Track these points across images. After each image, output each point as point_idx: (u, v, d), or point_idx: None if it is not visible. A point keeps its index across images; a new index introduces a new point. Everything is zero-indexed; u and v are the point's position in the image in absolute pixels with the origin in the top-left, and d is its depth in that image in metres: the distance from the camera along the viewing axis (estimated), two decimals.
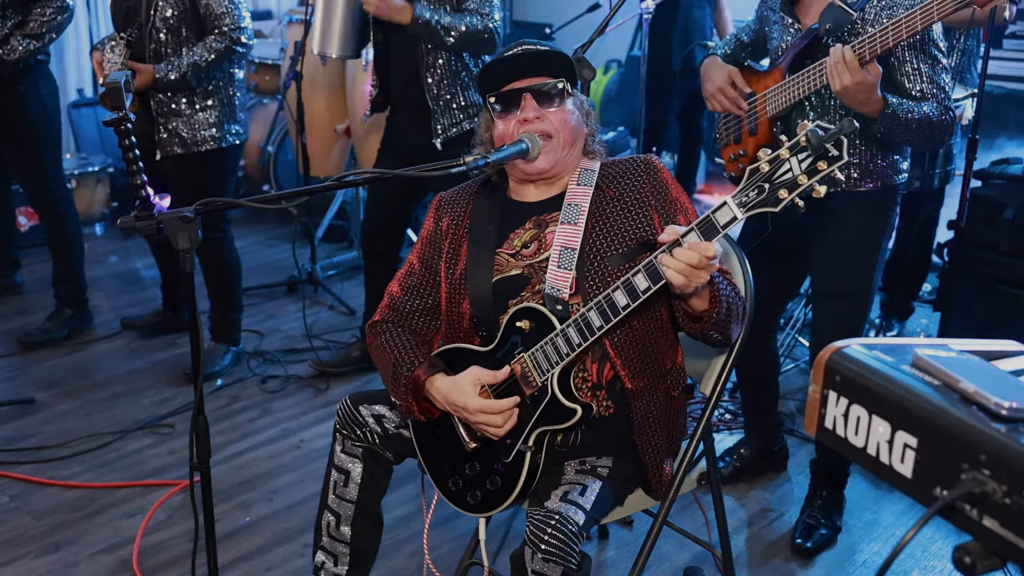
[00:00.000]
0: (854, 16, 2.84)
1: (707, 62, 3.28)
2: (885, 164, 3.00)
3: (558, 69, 2.35)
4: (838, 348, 1.27)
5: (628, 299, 2.09)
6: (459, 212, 2.48)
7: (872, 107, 2.72)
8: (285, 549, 3.20)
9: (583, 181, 2.36)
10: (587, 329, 2.15)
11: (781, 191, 1.90)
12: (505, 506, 2.30)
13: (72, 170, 6.18)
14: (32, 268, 5.34)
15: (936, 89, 2.82)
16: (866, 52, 2.67)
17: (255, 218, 6.65)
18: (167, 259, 4.73)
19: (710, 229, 1.98)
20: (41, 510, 3.40)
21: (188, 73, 3.94)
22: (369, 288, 4.39)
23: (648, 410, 2.32)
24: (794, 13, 3.03)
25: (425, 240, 2.52)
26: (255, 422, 4.02)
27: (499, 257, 2.36)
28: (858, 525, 3.31)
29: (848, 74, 2.65)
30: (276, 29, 7.27)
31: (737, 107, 3.14)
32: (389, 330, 2.48)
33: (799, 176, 1.88)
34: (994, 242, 3.92)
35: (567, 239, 2.28)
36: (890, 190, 3.04)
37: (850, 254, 3.07)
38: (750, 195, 1.93)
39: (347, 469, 2.49)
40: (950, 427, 1.12)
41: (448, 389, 2.29)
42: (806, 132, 1.84)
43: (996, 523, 1.07)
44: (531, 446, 2.26)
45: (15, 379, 4.38)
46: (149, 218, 2.06)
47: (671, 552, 3.17)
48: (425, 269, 2.50)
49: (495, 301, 2.33)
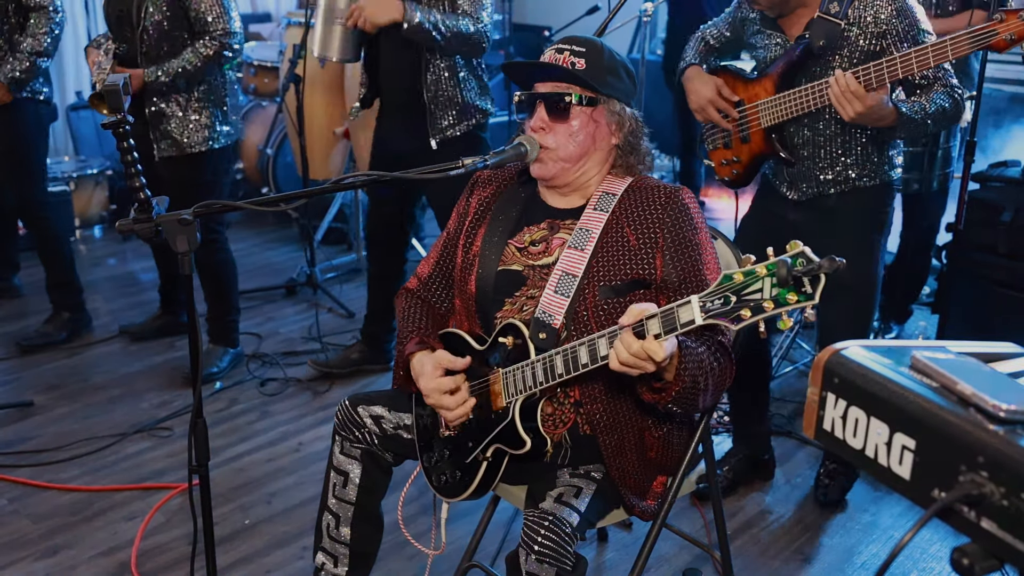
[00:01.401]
0: (842, 25, 2.84)
1: (690, 73, 3.23)
2: (880, 160, 3.03)
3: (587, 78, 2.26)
4: (837, 350, 1.27)
5: (588, 359, 2.06)
6: (490, 193, 2.49)
7: (887, 121, 2.73)
8: (284, 552, 3.20)
9: (600, 206, 2.30)
10: (551, 372, 2.14)
11: (744, 310, 1.76)
12: (460, 499, 2.37)
13: (70, 173, 6.19)
14: (31, 271, 5.33)
15: (940, 72, 2.84)
16: (873, 81, 2.68)
17: (254, 220, 6.64)
18: (166, 261, 4.73)
19: (670, 322, 1.87)
20: (40, 513, 3.40)
21: (176, 78, 3.97)
22: (371, 289, 4.42)
23: (621, 447, 2.28)
24: (778, 26, 3.01)
25: (456, 213, 2.54)
26: (254, 425, 4.02)
27: (508, 248, 2.36)
28: (857, 527, 3.32)
29: (858, 102, 2.65)
30: (275, 32, 7.28)
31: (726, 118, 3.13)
32: (408, 299, 2.56)
33: (765, 301, 1.73)
34: (992, 244, 3.93)
35: (570, 265, 2.25)
36: (886, 186, 3.07)
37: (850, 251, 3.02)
38: (715, 302, 1.79)
39: (346, 470, 2.50)
40: (948, 429, 1.12)
41: (417, 369, 2.34)
42: (778, 260, 1.70)
43: (994, 525, 1.07)
44: (488, 457, 2.29)
45: (14, 382, 4.37)
46: (147, 221, 2.06)
47: (670, 554, 3.17)
48: (450, 240, 2.54)
49: (495, 291, 2.34)
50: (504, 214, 2.42)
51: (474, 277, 2.38)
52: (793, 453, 3.73)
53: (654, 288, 2.23)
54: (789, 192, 3.16)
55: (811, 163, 3.05)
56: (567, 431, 2.30)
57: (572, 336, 2.20)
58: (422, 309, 2.52)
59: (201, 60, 3.98)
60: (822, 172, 3.05)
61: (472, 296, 2.38)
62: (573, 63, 2.26)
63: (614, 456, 2.27)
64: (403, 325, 2.49)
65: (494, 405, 2.26)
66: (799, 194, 3.14)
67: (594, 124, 2.30)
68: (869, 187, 3.04)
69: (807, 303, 1.69)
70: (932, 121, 2.79)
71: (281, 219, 6.59)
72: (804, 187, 3.12)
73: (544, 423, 2.26)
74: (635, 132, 2.35)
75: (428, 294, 2.57)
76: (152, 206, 2.07)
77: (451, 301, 2.54)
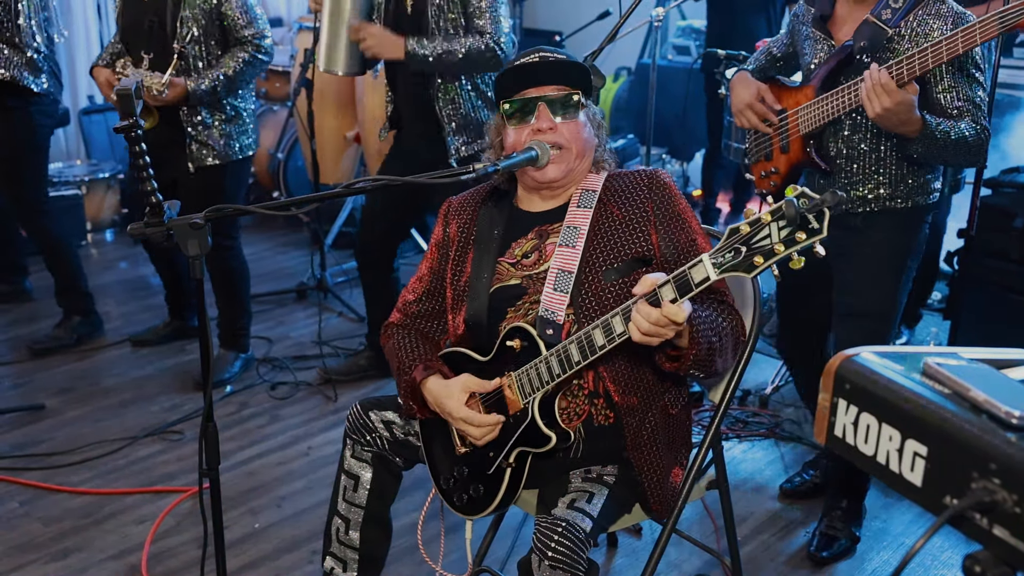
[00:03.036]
0: (889, 32, 2.78)
1: (736, 77, 3.22)
2: (916, 183, 2.93)
3: (575, 80, 2.34)
4: (848, 356, 1.27)
5: (605, 340, 2.08)
6: (467, 219, 2.49)
7: (911, 127, 2.65)
8: (294, 556, 3.20)
9: (583, 203, 2.35)
10: (567, 362, 2.14)
11: (757, 257, 1.81)
12: (486, 513, 2.35)
13: (82, 176, 6.21)
14: (43, 274, 5.33)
15: (972, 107, 2.75)
16: (904, 73, 2.61)
17: (265, 225, 6.65)
18: (167, 268, 4.74)
19: (684, 285, 1.91)
20: (50, 516, 3.41)
21: (219, 85, 3.99)
22: (367, 297, 4.42)
23: (641, 427, 2.29)
24: (827, 29, 2.96)
25: (434, 245, 2.54)
26: (264, 429, 4.03)
27: (500, 266, 2.38)
28: (868, 534, 3.30)
29: (887, 96, 2.57)
30: (286, 36, 7.29)
31: (767, 124, 3.10)
32: (399, 332, 2.53)
33: (776, 244, 1.78)
34: (1004, 250, 3.91)
35: (564, 262, 2.28)
36: (920, 209, 2.97)
37: (875, 273, 2.98)
38: (726, 256, 1.85)
39: (357, 474, 2.50)
40: (960, 436, 1.12)
41: (438, 392, 2.32)
42: (784, 201, 1.75)
43: (1006, 532, 1.06)
44: (512, 463, 2.28)
45: (25, 385, 4.39)
46: (159, 225, 2.07)
47: (680, 560, 3.16)
48: (433, 274, 2.53)
49: (493, 310, 2.34)
50: (487, 236, 2.43)
51: (464, 308, 2.39)
52: (804, 458, 3.72)
53: (655, 264, 2.27)
54: None
55: (843, 178, 2.97)
56: (581, 424, 2.30)
57: (581, 325, 2.20)
58: (417, 338, 2.51)
59: (242, 65, 4.03)
60: (853, 188, 2.95)
61: (463, 323, 2.39)
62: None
63: (636, 438, 2.28)
64: (401, 356, 2.45)
65: (510, 410, 2.26)
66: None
67: (590, 122, 2.39)
68: (900, 209, 2.94)
69: (816, 237, 1.75)
70: (952, 148, 2.70)
71: (292, 223, 6.61)
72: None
73: (559, 417, 2.27)
74: (604, 130, 2.45)
75: (419, 326, 2.56)
76: (164, 210, 2.08)
77: (443, 328, 2.54)
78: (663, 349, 2.09)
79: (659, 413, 2.32)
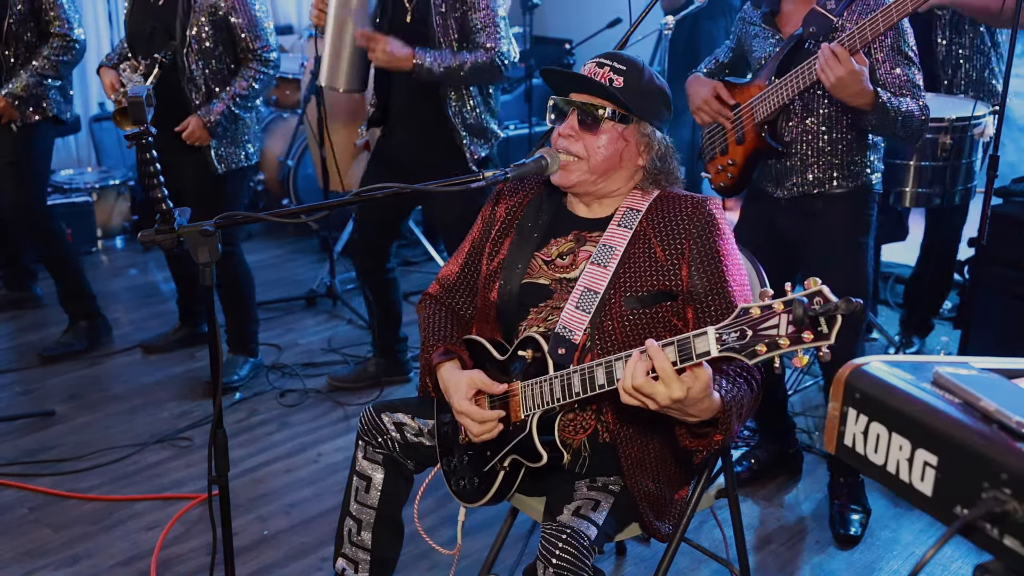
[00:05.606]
0: (835, 22, 3.01)
1: (691, 79, 3.42)
2: (861, 162, 3.18)
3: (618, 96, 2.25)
4: (858, 365, 1.27)
5: (605, 380, 2.04)
6: (516, 203, 2.49)
7: (865, 99, 2.85)
8: (303, 563, 3.21)
9: (624, 223, 2.30)
10: (568, 390, 2.12)
11: (760, 346, 1.73)
12: (477, 505, 2.38)
13: (93, 183, 6.23)
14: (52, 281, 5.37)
15: (912, 86, 3.02)
16: (856, 43, 2.82)
17: (274, 232, 6.67)
18: (183, 273, 4.76)
19: (685, 352, 1.85)
20: (60, 522, 3.42)
21: (232, 105, 4.05)
22: (369, 307, 4.45)
23: (643, 455, 2.27)
24: (775, 24, 3.19)
25: (481, 221, 2.55)
26: (273, 435, 4.03)
27: (535, 260, 2.37)
28: (877, 543, 3.29)
29: (840, 66, 2.77)
30: (296, 44, 7.31)
31: (723, 117, 3.26)
32: (432, 306, 2.57)
33: (781, 338, 1.71)
34: (1016, 260, 3.90)
35: (592, 281, 2.25)
36: (866, 189, 3.21)
37: (838, 255, 3.21)
38: (732, 335, 1.77)
39: (369, 475, 2.52)
40: (971, 445, 1.11)
41: (447, 380, 2.34)
42: (795, 300, 1.67)
43: (1017, 542, 1.06)
44: (505, 467, 2.28)
45: (35, 391, 4.40)
46: (169, 232, 2.07)
47: (688, 569, 3.16)
48: (473, 247, 2.55)
49: (520, 304, 2.34)
50: (531, 224, 2.43)
51: (497, 287, 2.38)
52: (814, 468, 3.71)
53: (680, 299, 2.23)
54: (775, 190, 3.25)
55: (797, 158, 3.17)
56: (587, 438, 2.29)
57: (596, 347, 2.20)
58: (446, 316, 2.53)
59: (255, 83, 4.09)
60: (808, 169, 3.17)
61: (493, 305, 2.38)
62: (611, 79, 2.26)
63: (634, 470, 2.26)
64: (428, 332, 2.49)
65: (513, 416, 2.26)
66: (784, 191, 3.23)
67: (624, 142, 2.29)
68: (851, 190, 3.18)
69: (822, 342, 1.67)
70: (901, 121, 2.92)
71: (301, 231, 6.62)
72: (789, 183, 3.22)
73: (564, 429, 2.26)
74: (664, 156, 2.33)
75: (452, 300, 2.58)
76: (175, 217, 2.09)
77: (475, 307, 2.54)
78: (688, 425, 2.03)
79: (657, 447, 2.29)
